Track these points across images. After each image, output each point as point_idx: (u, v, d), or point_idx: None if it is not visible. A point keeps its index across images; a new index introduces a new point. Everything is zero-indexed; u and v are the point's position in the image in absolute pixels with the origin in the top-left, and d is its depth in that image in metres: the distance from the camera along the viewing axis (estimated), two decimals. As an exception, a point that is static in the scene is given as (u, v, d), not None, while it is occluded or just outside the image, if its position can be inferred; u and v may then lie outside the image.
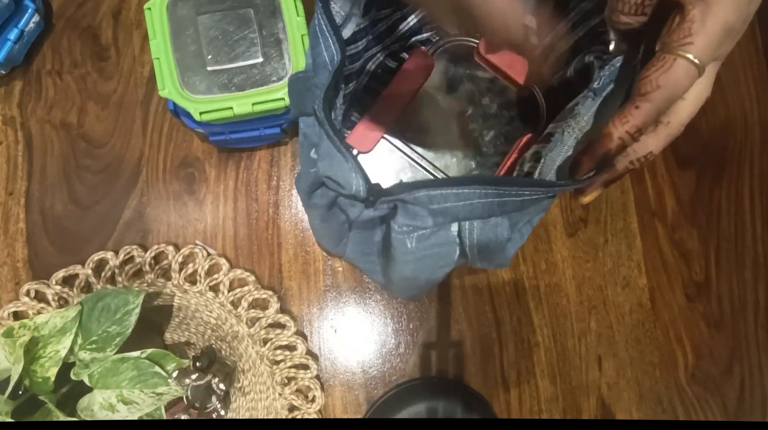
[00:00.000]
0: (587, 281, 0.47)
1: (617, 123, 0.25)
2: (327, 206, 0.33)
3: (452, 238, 0.30)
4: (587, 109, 0.30)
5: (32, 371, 0.36)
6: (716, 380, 0.47)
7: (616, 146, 0.26)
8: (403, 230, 0.30)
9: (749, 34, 0.51)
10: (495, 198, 0.27)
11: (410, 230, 0.30)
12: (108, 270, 0.43)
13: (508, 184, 0.27)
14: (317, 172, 0.31)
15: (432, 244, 0.30)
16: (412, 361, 0.45)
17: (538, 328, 0.46)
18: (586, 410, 0.46)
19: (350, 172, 0.29)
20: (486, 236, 0.30)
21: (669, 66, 0.24)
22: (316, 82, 0.30)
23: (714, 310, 0.47)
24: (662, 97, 0.24)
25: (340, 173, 0.29)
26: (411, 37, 0.42)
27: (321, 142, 0.30)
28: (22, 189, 0.45)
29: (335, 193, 0.32)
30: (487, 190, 0.27)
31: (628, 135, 0.25)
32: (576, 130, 0.30)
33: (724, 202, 0.49)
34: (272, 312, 0.44)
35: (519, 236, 0.33)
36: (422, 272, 0.32)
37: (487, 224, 0.29)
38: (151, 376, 0.37)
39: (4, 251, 0.44)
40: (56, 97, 0.46)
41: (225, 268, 0.44)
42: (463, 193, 0.27)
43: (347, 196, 0.31)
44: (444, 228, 0.30)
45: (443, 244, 0.30)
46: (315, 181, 0.32)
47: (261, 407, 0.43)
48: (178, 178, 0.46)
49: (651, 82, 0.24)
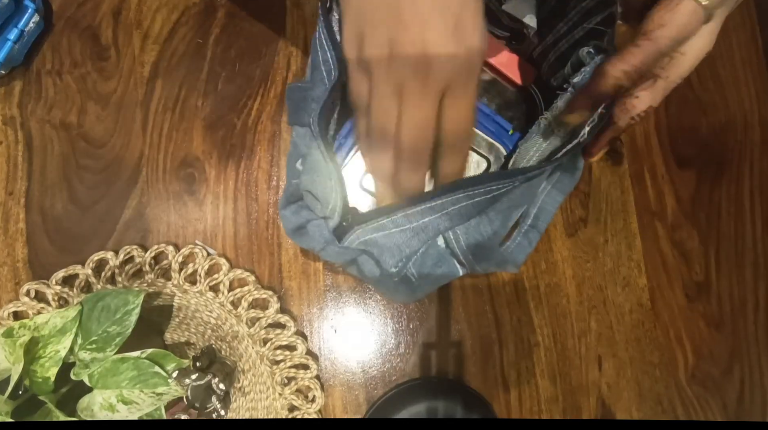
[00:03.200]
0: (587, 281, 0.47)
1: (614, 61, 0.24)
2: (296, 226, 0.32)
3: (444, 250, 0.30)
4: (564, 102, 0.30)
5: (32, 371, 0.36)
6: (716, 380, 0.47)
7: (612, 86, 0.25)
8: (399, 268, 0.29)
9: (749, 34, 0.51)
10: (466, 201, 0.27)
11: (404, 264, 0.30)
12: (108, 270, 0.43)
13: (473, 184, 0.27)
14: (299, 185, 0.31)
15: (431, 265, 0.30)
16: (412, 361, 0.45)
17: (538, 328, 0.46)
18: (586, 410, 0.46)
19: (331, 191, 0.29)
20: (473, 238, 0.30)
21: (675, 4, 0.23)
22: (313, 95, 0.30)
23: (714, 310, 0.47)
24: (665, 36, 0.23)
25: (321, 189, 0.29)
26: None
27: (308, 154, 0.30)
28: (22, 189, 0.45)
29: (307, 215, 0.31)
30: (457, 195, 0.27)
31: (625, 75, 0.24)
32: (550, 119, 0.30)
33: (724, 202, 0.49)
34: (272, 312, 0.44)
35: (527, 241, 0.34)
36: (431, 289, 0.32)
37: (469, 227, 0.29)
38: (151, 376, 0.37)
39: (4, 251, 0.44)
40: (56, 97, 0.46)
41: (225, 268, 0.44)
42: (437, 204, 0.27)
43: (321, 216, 0.30)
44: (432, 246, 0.30)
45: (441, 262, 0.30)
46: (294, 193, 0.32)
47: (261, 407, 0.43)
48: (178, 178, 0.46)
49: (655, 20, 0.23)
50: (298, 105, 0.31)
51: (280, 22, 0.48)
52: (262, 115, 0.47)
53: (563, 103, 0.30)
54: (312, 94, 0.30)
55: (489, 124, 0.36)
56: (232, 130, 0.47)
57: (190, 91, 0.47)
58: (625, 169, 0.49)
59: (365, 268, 0.30)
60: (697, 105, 0.50)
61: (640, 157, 0.49)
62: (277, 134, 0.47)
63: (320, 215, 0.30)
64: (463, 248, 0.30)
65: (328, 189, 0.29)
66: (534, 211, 0.35)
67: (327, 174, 0.29)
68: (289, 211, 0.32)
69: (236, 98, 0.47)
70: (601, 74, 0.25)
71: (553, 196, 0.35)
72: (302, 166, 0.31)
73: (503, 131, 0.37)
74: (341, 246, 0.29)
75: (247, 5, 0.48)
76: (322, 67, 0.29)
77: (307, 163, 0.30)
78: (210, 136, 0.47)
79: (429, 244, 0.30)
